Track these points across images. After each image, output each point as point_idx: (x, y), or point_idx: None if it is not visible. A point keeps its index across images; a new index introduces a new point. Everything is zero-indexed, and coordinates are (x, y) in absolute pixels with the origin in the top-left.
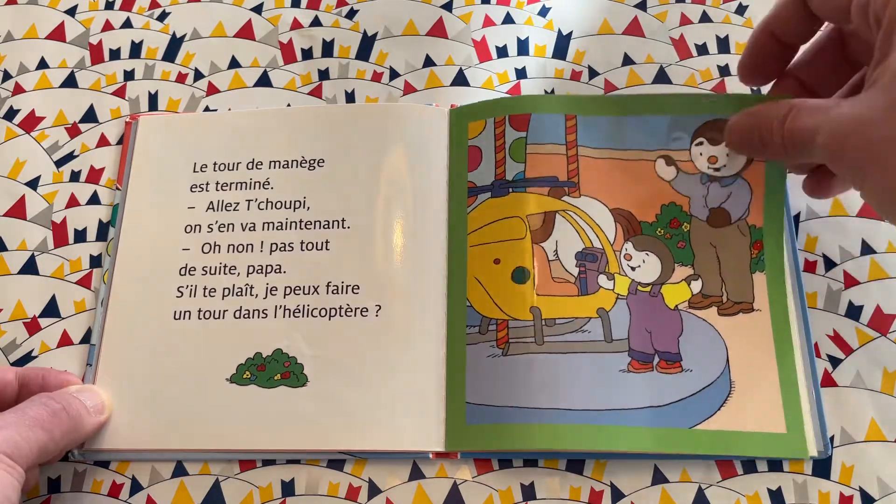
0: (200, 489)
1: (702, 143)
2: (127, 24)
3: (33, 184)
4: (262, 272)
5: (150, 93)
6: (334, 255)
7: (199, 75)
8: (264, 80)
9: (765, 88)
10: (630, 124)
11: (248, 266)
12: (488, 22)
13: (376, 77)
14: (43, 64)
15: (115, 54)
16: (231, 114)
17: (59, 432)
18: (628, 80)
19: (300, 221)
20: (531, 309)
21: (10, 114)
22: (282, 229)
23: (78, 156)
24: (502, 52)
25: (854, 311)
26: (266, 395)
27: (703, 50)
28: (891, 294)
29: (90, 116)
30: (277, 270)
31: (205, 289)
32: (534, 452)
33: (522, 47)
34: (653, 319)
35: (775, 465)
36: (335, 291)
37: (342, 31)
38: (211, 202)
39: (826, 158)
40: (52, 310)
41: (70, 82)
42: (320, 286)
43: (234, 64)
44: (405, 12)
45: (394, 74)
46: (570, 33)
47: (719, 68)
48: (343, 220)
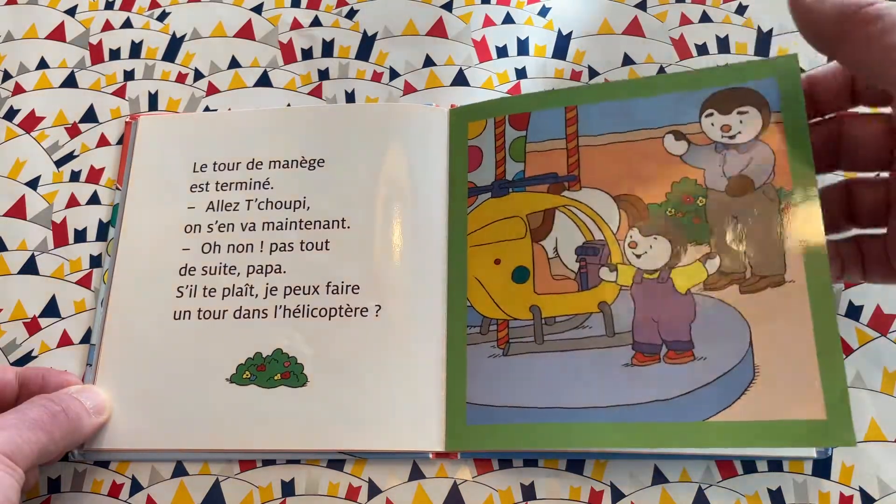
0: (200, 489)
1: (712, 115)
2: (127, 24)
3: (33, 184)
4: (261, 272)
5: (150, 93)
6: (334, 255)
7: (199, 75)
8: (264, 80)
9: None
10: (633, 107)
11: (248, 266)
12: (488, 22)
13: (376, 77)
14: (43, 64)
15: (115, 54)
16: (231, 114)
17: (58, 433)
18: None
19: (300, 221)
20: (530, 308)
21: (11, 114)
22: (281, 229)
23: (78, 156)
24: (502, 52)
25: (854, 311)
26: (266, 395)
27: (703, 50)
28: (891, 294)
29: (90, 116)
30: (277, 270)
31: (205, 289)
32: (535, 452)
33: (522, 47)
34: (660, 308)
35: (775, 465)
36: (335, 291)
37: (342, 31)
38: (211, 202)
39: None
40: (52, 310)
41: (70, 82)
42: (320, 286)
43: (234, 64)
44: (405, 12)
45: (394, 74)
46: (570, 33)
47: None
48: (343, 220)
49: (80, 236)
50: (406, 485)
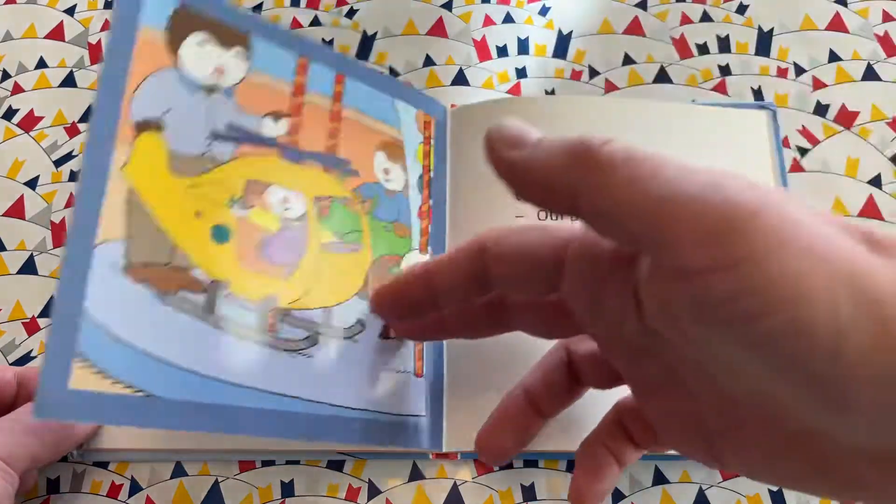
0: (200, 490)
1: None
2: None
3: (32, 183)
4: None
5: None
6: None
7: None
8: None
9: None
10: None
11: None
12: (488, 21)
13: None
14: (42, 63)
15: None
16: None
17: (49, 438)
18: (629, 80)
19: None
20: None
21: (9, 113)
22: None
23: (77, 155)
24: (502, 51)
25: None
26: None
27: (703, 49)
28: None
29: (89, 116)
30: None
31: None
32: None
33: (522, 47)
34: None
35: None
36: None
37: (342, 30)
38: None
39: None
40: (51, 310)
41: (69, 82)
42: None
43: None
44: (405, 12)
45: (394, 74)
46: (571, 33)
47: (720, 68)
48: None
49: None
50: (406, 485)
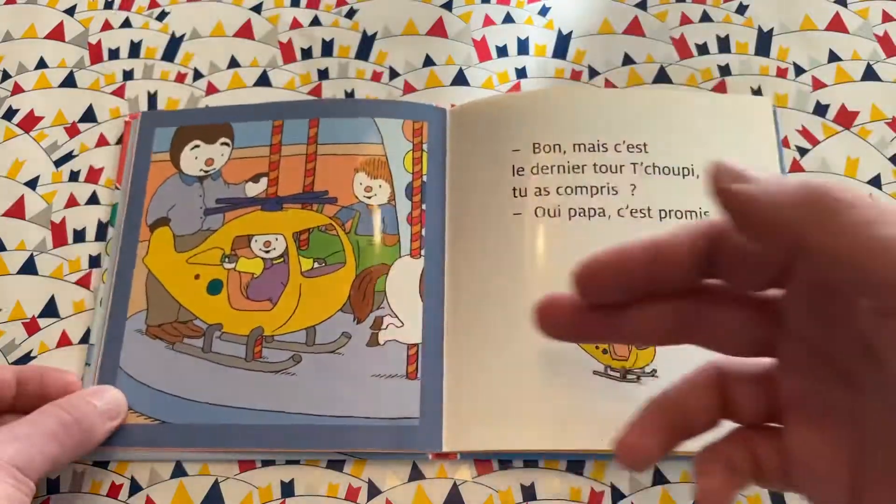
0: (200, 490)
1: None
2: (126, 23)
3: (32, 184)
4: None
5: (149, 92)
6: None
7: (198, 75)
8: (264, 80)
9: None
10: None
11: None
12: (488, 21)
13: (376, 77)
14: (42, 64)
15: (114, 54)
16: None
17: (70, 444)
18: (629, 80)
19: None
20: None
21: (10, 114)
22: None
23: (77, 156)
24: (502, 51)
25: None
26: None
27: (703, 50)
28: None
29: (89, 116)
30: None
31: None
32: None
33: (522, 47)
34: None
35: None
36: None
37: (342, 30)
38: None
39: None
40: (51, 310)
41: (69, 82)
42: None
43: (233, 64)
44: (405, 12)
45: (393, 74)
46: (571, 33)
47: (720, 68)
48: None
49: (80, 236)
50: (406, 485)
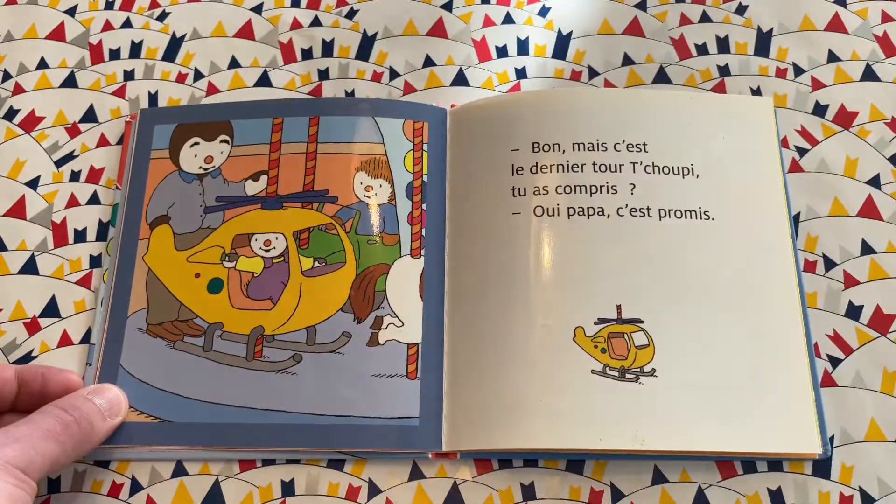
0: (200, 489)
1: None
2: (127, 24)
3: (33, 184)
4: None
5: (149, 93)
6: None
7: (198, 75)
8: (264, 80)
9: None
10: None
11: None
12: (488, 22)
13: (376, 77)
14: (43, 64)
15: (114, 54)
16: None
17: (70, 444)
18: (628, 80)
19: None
20: None
21: (10, 114)
22: None
23: (78, 156)
24: (502, 52)
25: (854, 311)
26: None
27: (702, 50)
28: (891, 294)
29: (90, 116)
30: None
31: None
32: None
33: (522, 47)
34: None
35: (775, 465)
36: None
37: (342, 30)
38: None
39: None
40: (52, 310)
41: (70, 82)
42: None
43: (233, 64)
44: (405, 12)
45: (394, 74)
46: (570, 33)
47: (719, 68)
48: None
49: (80, 236)
50: (406, 485)
